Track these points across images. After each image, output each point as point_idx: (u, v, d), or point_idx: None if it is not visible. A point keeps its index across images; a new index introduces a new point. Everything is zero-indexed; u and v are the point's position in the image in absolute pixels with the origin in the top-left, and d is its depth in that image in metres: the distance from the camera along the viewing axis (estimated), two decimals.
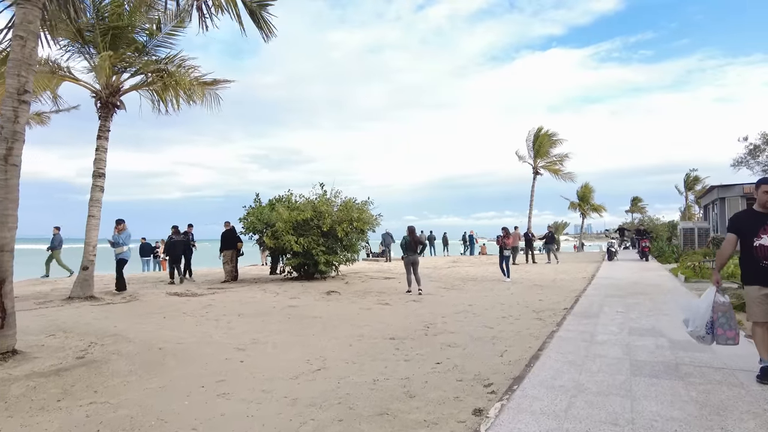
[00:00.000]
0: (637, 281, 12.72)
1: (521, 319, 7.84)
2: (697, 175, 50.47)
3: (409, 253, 11.17)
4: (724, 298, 4.23)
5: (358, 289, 11.91)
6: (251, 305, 9.32)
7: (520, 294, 11.13)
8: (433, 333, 6.86)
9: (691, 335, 4.36)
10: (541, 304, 9.36)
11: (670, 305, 8.44)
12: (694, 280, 12.10)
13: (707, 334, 4.16)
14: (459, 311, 8.80)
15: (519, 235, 21.91)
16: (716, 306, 4.17)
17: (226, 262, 14.09)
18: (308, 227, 13.19)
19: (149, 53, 10.74)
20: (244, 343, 6.26)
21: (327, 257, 13.11)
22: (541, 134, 32.88)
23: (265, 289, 11.77)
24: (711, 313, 4.16)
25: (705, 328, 4.15)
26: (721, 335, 4.19)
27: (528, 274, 16.86)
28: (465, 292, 11.76)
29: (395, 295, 10.88)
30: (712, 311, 4.17)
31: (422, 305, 9.53)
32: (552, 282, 13.69)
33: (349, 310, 8.95)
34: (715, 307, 4.18)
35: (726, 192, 22.99)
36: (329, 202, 13.83)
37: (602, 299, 9.41)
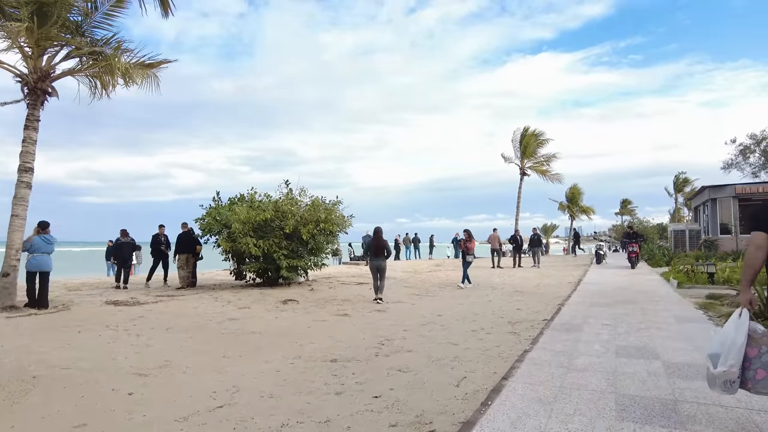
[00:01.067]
0: (626, 287, 11.73)
1: (493, 334, 6.77)
2: (687, 177, 50.08)
3: (374, 257, 10.07)
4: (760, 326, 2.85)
5: (321, 297, 10.79)
6: (188, 318, 8.17)
7: (499, 302, 10.08)
8: (387, 352, 5.77)
9: (715, 381, 2.84)
10: (519, 314, 8.31)
11: (663, 316, 7.42)
12: (687, 286, 11.13)
13: (738, 378, 2.77)
14: (425, 323, 7.73)
15: (497, 238, 20.81)
16: (756, 337, 2.78)
17: (181, 266, 12.90)
18: (269, 229, 12.05)
19: (84, 34, 9.57)
20: (150, 368, 5.12)
21: (290, 262, 11.97)
22: (527, 134, 32.00)
23: (217, 298, 10.61)
24: (746, 347, 2.76)
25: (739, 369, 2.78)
26: (762, 380, 2.74)
27: (512, 278, 15.84)
28: (439, 299, 10.70)
29: (360, 304, 9.78)
30: (748, 345, 2.77)
31: (386, 316, 8.44)
32: (535, 288, 12.67)
33: (299, 322, 7.83)
34: (754, 338, 2.78)
35: (718, 192, 22.19)
36: (295, 202, 12.71)
37: (587, 308, 8.38)
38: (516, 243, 21.55)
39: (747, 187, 21.49)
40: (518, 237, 21.58)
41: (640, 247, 18.88)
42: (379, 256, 10.04)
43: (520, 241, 21.54)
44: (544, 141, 32.30)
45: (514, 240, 21.64)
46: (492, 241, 20.80)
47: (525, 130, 32.30)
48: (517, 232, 21.81)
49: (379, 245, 10.03)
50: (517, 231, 21.81)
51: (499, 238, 21.24)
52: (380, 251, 10.05)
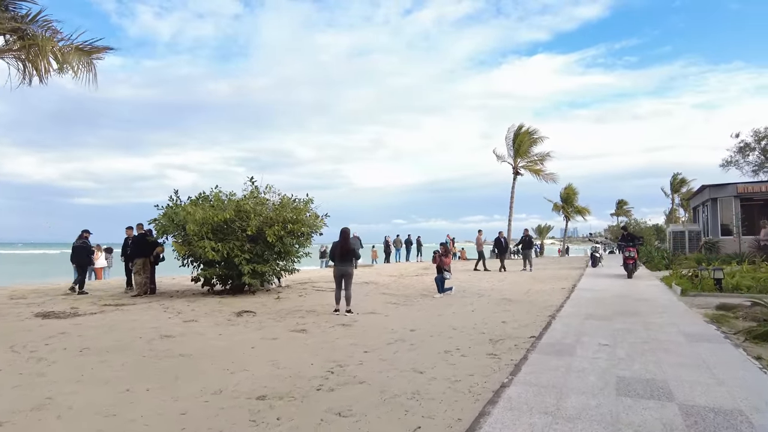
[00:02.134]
0: (625, 294, 10.65)
1: (469, 356, 5.65)
2: (684, 178, 49.24)
3: (338, 262, 8.93)
4: None
5: (284, 308, 9.64)
6: (117, 334, 7.00)
7: (483, 312, 8.97)
8: (332, 385, 4.64)
9: None
10: (503, 329, 7.19)
11: (670, 333, 6.32)
12: (692, 293, 10.05)
13: None
14: (393, 340, 6.61)
15: (481, 241, 19.62)
16: None
17: (137, 272, 11.73)
18: (230, 231, 10.90)
19: (8, 8, 8.40)
20: (18, 410, 3.97)
21: (255, 267, 10.81)
22: (521, 132, 30.96)
23: (168, 308, 9.44)
24: None
25: None
26: None
27: (501, 284, 14.73)
28: (417, 309, 9.57)
29: (324, 317, 8.64)
30: None
31: (349, 332, 7.30)
32: (525, 295, 11.56)
33: (244, 341, 6.68)
34: None
35: (718, 192, 21.19)
36: (261, 201, 11.56)
37: (581, 322, 7.27)
38: (499, 246, 20.31)
39: (749, 186, 20.50)
40: (502, 239, 20.32)
41: (638, 251, 15.92)
42: (345, 260, 8.88)
43: (504, 243, 20.27)
44: (538, 139, 31.27)
45: (497, 243, 20.34)
46: (478, 242, 19.65)
47: (519, 128, 31.28)
48: (500, 234, 20.46)
49: (345, 248, 8.88)
50: (501, 233, 20.47)
51: (485, 240, 20.08)
52: (346, 255, 8.89)
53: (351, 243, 9.02)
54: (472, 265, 21.54)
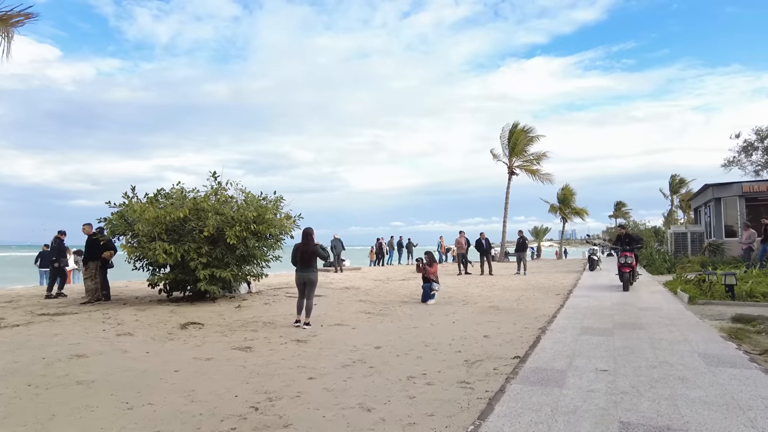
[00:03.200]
0: (626, 301, 9.56)
1: (435, 385, 4.55)
2: (683, 178, 48.25)
3: (300, 267, 7.81)
4: None
5: (239, 319, 8.52)
6: (21, 352, 5.88)
7: (465, 324, 7.87)
8: (245, 431, 3.53)
9: None
10: (484, 347, 6.09)
11: (682, 353, 5.22)
12: (701, 301, 8.96)
13: None
14: (350, 362, 5.51)
15: (463, 242, 18.37)
16: None
17: (88, 277, 10.60)
18: (185, 231, 9.79)
19: None
20: None
21: (212, 271, 9.69)
22: (516, 130, 29.90)
23: (109, 318, 8.32)
24: None
25: None
26: None
27: (492, 289, 13.64)
28: (391, 320, 8.47)
29: (281, 330, 7.54)
30: None
31: (301, 350, 6.19)
32: (515, 302, 10.46)
33: (172, 361, 5.56)
34: None
35: (722, 191, 20.13)
36: (224, 199, 10.45)
37: (576, 338, 6.17)
38: (481, 248, 19.02)
39: (755, 185, 19.45)
40: (483, 241, 18.92)
41: (637, 256, 12.87)
42: (308, 265, 7.76)
43: (486, 245, 18.97)
44: (533, 138, 30.20)
45: (478, 245, 18.99)
46: (459, 244, 18.46)
47: (514, 126, 30.21)
48: (482, 236, 19.12)
49: (307, 251, 7.75)
50: (482, 234, 19.13)
51: (467, 241, 18.84)
52: (309, 259, 7.77)
53: (315, 245, 7.89)
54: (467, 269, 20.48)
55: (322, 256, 7.90)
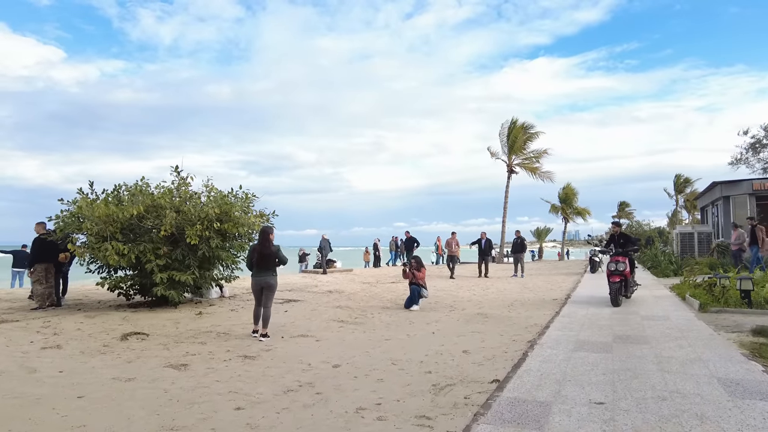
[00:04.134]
0: (629, 310, 8.60)
1: (387, 420, 3.63)
2: (688, 177, 47.13)
3: (257, 271, 6.87)
4: None
5: (194, 327, 7.61)
6: None
7: (445, 335, 6.93)
8: None
9: None
10: (459, 366, 5.16)
11: (697, 377, 4.26)
12: (713, 309, 7.98)
13: None
14: (296, 386, 4.59)
15: (456, 242, 17.25)
16: None
17: (38, 280, 9.68)
18: (142, 230, 8.89)
19: None
20: None
21: (171, 274, 8.78)
22: (515, 127, 28.91)
23: (48, 326, 7.42)
24: None
25: None
26: None
27: (485, 293, 12.69)
28: (364, 329, 7.54)
29: (234, 342, 6.63)
30: None
31: (246, 368, 5.27)
32: (507, 308, 9.51)
33: (84, 383, 4.65)
34: None
35: (731, 189, 19.11)
36: (189, 196, 9.55)
37: (568, 355, 5.22)
38: (480, 247, 18.00)
39: (766, 182, 18.42)
40: (483, 241, 17.81)
41: (632, 261, 9.71)
42: (265, 268, 6.82)
43: (486, 245, 17.92)
44: (533, 135, 29.21)
45: (478, 245, 17.93)
46: (449, 245, 17.40)
47: (513, 123, 29.22)
48: (483, 235, 18.06)
49: (264, 252, 6.81)
50: (483, 234, 18.08)
51: (458, 243, 17.74)
52: (267, 262, 6.83)
53: (274, 246, 6.95)
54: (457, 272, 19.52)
55: (281, 260, 6.96)
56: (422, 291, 9.85)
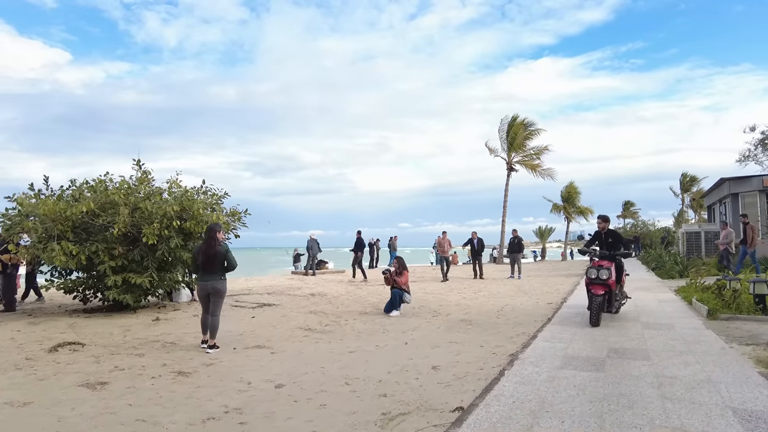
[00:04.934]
0: (628, 317, 7.76)
1: None
2: (695, 176, 46.03)
3: (202, 275, 6.07)
4: None
5: (141, 336, 6.84)
6: None
7: (418, 347, 6.13)
8: None
9: None
10: (422, 387, 4.36)
11: (710, 410, 3.43)
12: (724, 316, 7.13)
13: None
14: (222, 412, 3.82)
15: (447, 242, 16.34)
16: None
17: None
18: (96, 229, 8.15)
19: None
20: None
21: (126, 277, 8.02)
22: (515, 123, 28.04)
23: None
24: None
25: None
26: None
27: (476, 295, 11.88)
28: (329, 340, 6.76)
29: (177, 354, 5.86)
30: None
31: (171, 387, 4.49)
32: (496, 315, 8.69)
33: None
34: None
35: (740, 186, 18.19)
36: (149, 192, 8.80)
37: (552, 375, 4.40)
38: (472, 247, 17.16)
39: None
40: (474, 241, 16.95)
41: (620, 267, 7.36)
42: (211, 272, 6.02)
43: (477, 246, 17.07)
44: (534, 131, 28.33)
45: (470, 245, 17.10)
46: (439, 246, 16.53)
47: (513, 119, 28.34)
48: (473, 235, 17.21)
49: (209, 254, 6.02)
50: (474, 234, 17.24)
51: (449, 243, 16.84)
52: (213, 264, 6.03)
53: (221, 246, 6.16)
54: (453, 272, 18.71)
55: (230, 263, 6.15)
56: (405, 296, 9.04)
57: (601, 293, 6.72)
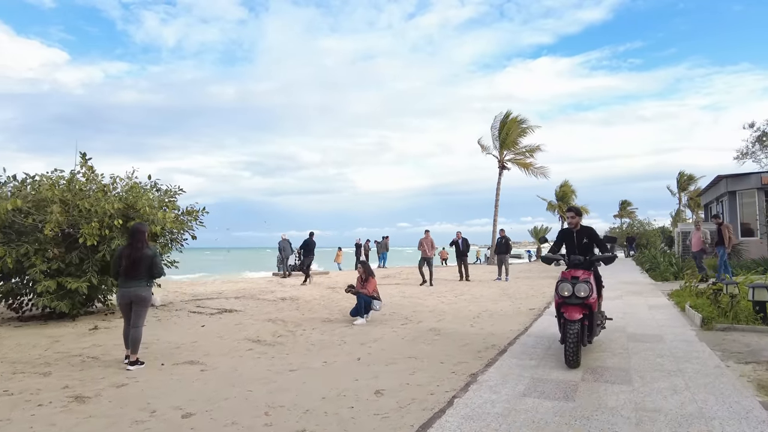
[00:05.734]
0: (615, 325, 7.01)
1: None
2: (692, 174, 45.36)
3: (124, 280, 5.28)
4: None
5: (63, 350, 6.06)
6: None
7: (370, 364, 5.37)
8: None
9: None
10: (353, 421, 3.60)
11: None
12: (720, 326, 6.38)
13: None
14: None
15: (430, 243, 15.38)
16: None
17: None
18: (25, 229, 7.37)
19: None
20: None
21: (61, 281, 7.25)
22: (508, 120, 27.29)
23: None
24: None
25: None
26: None
27: (456, 300, 11.13)
28: (274, 354, 6.00)
29: (93, 372, 5.08)
30: None
31: (55, 419, 3.73)
32: (471, 322, 7.94)
33: None
34: None
35: (738, 183, 17.47)
36: (89, 189, 8.03)
37: (511, 405, 3.64)
38: (457, 248, 16.36)
39: None
40: (459, 241, 16.10)
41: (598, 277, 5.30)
42: (135, 277, 5.26)
43: (463, 246, 16.24)
44: (527, 129, 27.59)
45: (455, 245, 16.23)
46: (421, 246, 15.62)
47: (506, 116, 27.59)
48: (458, 236, 16.35)
49: (134, 257, 5.24)
50: (459, 234, 16.39)
51: (432, 243, 15.97)
52: (138, 269, 5.26)
53: (149, 249, 5.37)
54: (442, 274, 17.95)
55: (158, 267, 5.35)
56: (373, 303, 8.27)
57: (579, 318, 4.66)
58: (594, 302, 4.88)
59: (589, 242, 5.39)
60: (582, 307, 4.75)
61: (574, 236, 5.46)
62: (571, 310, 4.73)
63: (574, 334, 4.58)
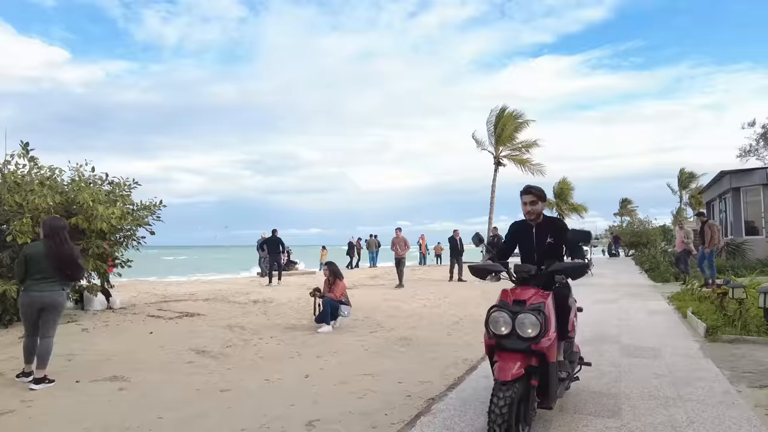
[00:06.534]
0: (606, 333, 6.22)
1: None
2: (693, 172, 44.48)
3: (37, 283, 4.45)
4: None
5: None
6: None
7: (313, 385, 4.60)
8: None
9: None
10: None
11: None
12: (726, 337, 5.58)
13: None
14: None
15: (403, 242, 14.36)
16: None
17: None
18: None
19: None
20: None
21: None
22: (504, 115, 26.47)
23: None
24: None
25: None
26: None
27: (440, 302, 10.36)
28: (213, 369, 5.23)
29: None
30: None
31: None
32: (447, 330, 7.17)
33: None
34: None
35: (742, 180, 16.65)
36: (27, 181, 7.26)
37: None
38: (454, 248, 15.45)
39: None
40: (457, 240, 15.21)
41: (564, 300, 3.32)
42: (48, 279, 4.44)
43: (460, 245, 15.42)
44: (523, 124, 26.78)
45: (452, 244, 15.45)
46: (393, 246, 14.72)
47: (501, 111, 26.76)
48: (456, 234, 15.54)
49: (60, 255, 4.44)
50: (456, 232, 15.59)
51: (405, 242, 14.93)
52: (61, 270, 4.44)
53: (70, 246, 4.57)
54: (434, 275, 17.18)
55: (76, 270, 4.57)
56: (341, 309, 7.50)
57: (517, 375, 2.67)
58: (550, 348, 2.84)
59: (555, 242, 3.42)
60: (524, 354, 2.76)
61: (533, 233, 3.48)
62: (506, 360, 2.74)
63: (500, 408, 2.53)
